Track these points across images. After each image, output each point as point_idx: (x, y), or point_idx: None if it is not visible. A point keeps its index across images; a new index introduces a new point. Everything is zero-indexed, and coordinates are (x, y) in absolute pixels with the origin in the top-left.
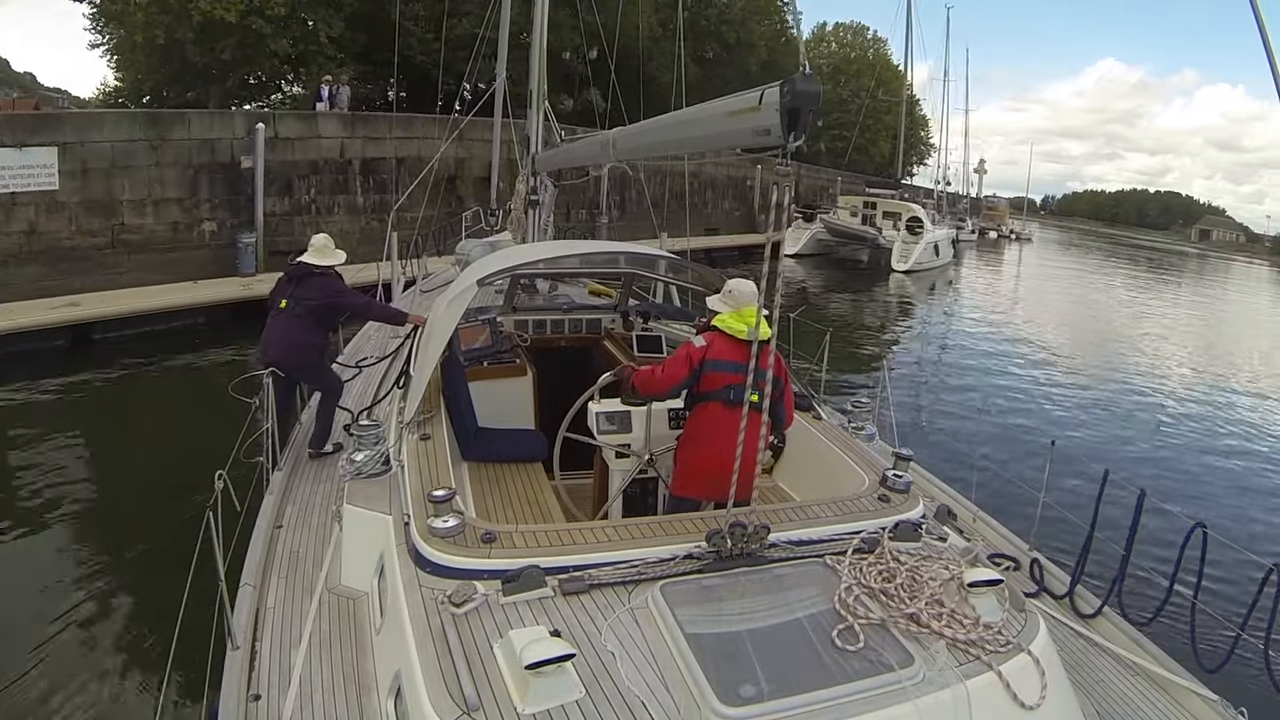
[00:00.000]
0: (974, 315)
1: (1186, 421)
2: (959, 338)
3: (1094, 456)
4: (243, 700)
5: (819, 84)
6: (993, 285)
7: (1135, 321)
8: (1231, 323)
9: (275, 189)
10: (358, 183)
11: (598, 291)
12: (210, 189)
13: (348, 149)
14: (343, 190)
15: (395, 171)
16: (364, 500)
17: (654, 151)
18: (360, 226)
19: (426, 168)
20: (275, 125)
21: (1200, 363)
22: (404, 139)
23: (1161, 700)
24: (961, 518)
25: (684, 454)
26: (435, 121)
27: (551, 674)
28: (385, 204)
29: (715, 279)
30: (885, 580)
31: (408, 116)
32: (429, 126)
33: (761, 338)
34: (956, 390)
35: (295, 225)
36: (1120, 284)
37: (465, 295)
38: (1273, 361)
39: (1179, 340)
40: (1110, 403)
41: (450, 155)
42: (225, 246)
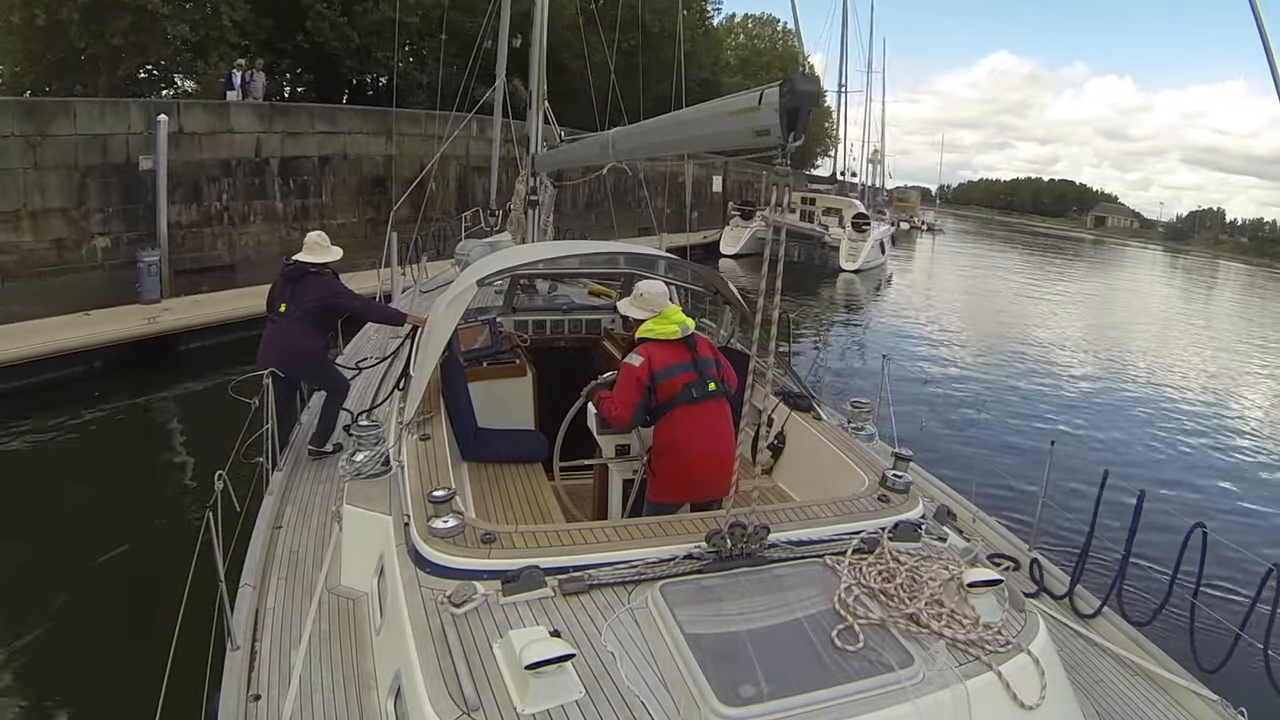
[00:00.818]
0: (940, 313)
1: (1184, 414)
2: (941, 336)
3: (1094, 456)
4: (243, 700)
5: (818, 84)
6: (938, 281)
7: (1110, 313)
8: (1197, 311)
9: (181, 195)
10: (276, 186)
11: (597, 292)
12: (102, 196)
13: (264, 146)
14: (259, 194)
15: (318, 172)
16: (364, 500)
17: (654, 152)
18: (280, 238)
19: (426, 169)
20: (180, 118)
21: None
22: (328, 134)
23: (1161, 700)
24: (961, 518)
25: (663, 463)
26: (362, 114)
27: (551, 674)
28: (307, 210)
29: (715, 279)
30: (885, 580)
31: (331, 109)
32: (356, 120)
33: (690, 328)
34: (955, 390)
35: (206, 238)
36: (1057, 274)
37: (465, 296)
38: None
39: (1176, 331)
40: (1110, 399)
41: (378, 153)
42: (122, 267)
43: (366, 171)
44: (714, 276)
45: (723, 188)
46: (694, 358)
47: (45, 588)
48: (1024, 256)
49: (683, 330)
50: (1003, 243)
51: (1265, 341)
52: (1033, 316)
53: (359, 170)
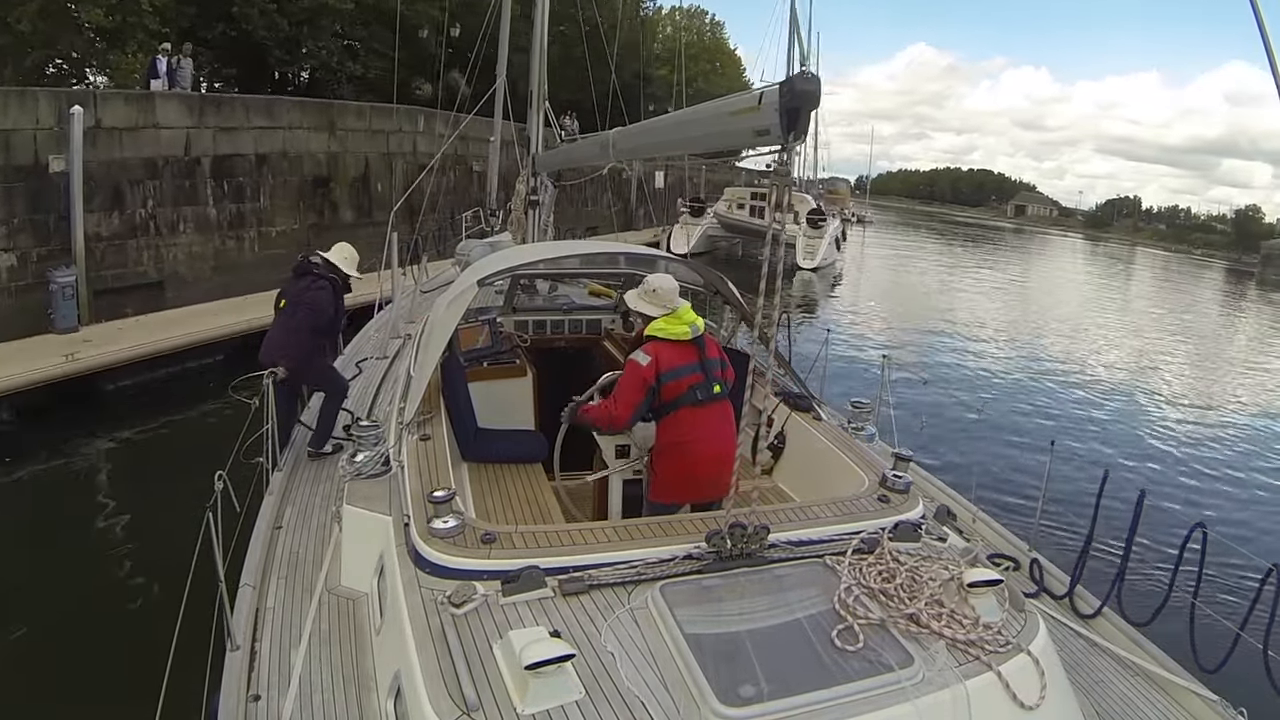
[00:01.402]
0: (909, 310)
1: (1182, 413)
2: (921, 336)
3: (1094, 455)
4: (243, 700)
5: (819, 84)
6: (892, 276)
7: (1082, 301)
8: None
9: (99, 201)
10: (209, 189)
11: (598, 292)
12: (4, 205)
13: (195, 143)
14: (190, 199)
15: (255, 173)
16: (364, 501)
17: (654, 152)
18: (214, 248)
19: (425, 170)
20: (97, 110)
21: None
22: (266, 130)
23: (1161, 700)
24: (961, 518)
25: (664, 463)
26: (301, 107)
27: (551, 674)
28: (243, 216)
29: (715, 279)
30: (885, 580)
31: (268, 100)
32: (296, 113)
33: (701, 328)
34: (955, 391)
35: (129, 252)
36: (1000, 265)
37: (465, 296)
38: None
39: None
40: (1110, 395)
41: (320, 150)
42: (31, 289)
43: (308, 171)
44: (714, 276)
45: (664, 183)
46: (701, 359)
47: (45, 587)
48: (958, 248)
49: (693, 331)
50: (931, 233)
51: (1241, 335)
52: (1002, 310)
53: (299, 170)
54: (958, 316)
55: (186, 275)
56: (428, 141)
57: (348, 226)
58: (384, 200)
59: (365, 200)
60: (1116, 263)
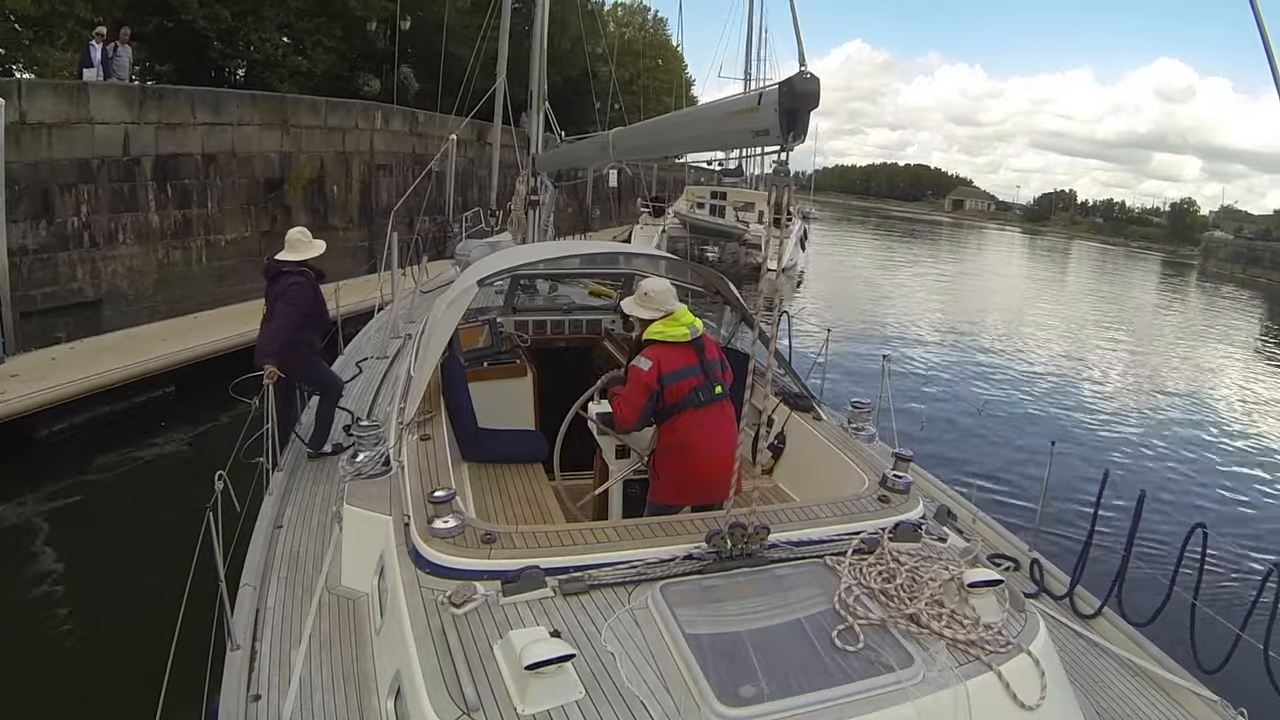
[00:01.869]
0: (885, 310)
1: (1180, 411)
2: (900, 333)
3: (1094, 455)
4: (243, 700)
5: (818, 84)
6: (853, 275)
7: (1057, 298)
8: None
9: (26, 209)
10: (150, 193)
11: (598, 292)
12: None
13: (135, 141)
14: (129, 205)
15: (202, 174)
16: (364, 501)
17: (654, 152)
18: (158, 261)
19: (426, 169)
20: (21, 102)
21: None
22: (213, 126)
23: (1161, 700)
24: (961, 518)
25: (666, 464)
26: (252, 101)
27: (551, 674)
28: (189, 224)
29: (716, 279)
30: (885, 581)
31: (216, 94)
32: (246, 108)
33: (700, 329)
34: (955, 390)
35: (61, 266)
36: (959, 259)
37: (465, 296)
38: None
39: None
40: (1106, 395)
41: (272, 149)
42: None
43: (259, 172)
44: (714, 277)
45: (618, 182)
46: (701, 360)
47: (45, 586)
48: (905, 244)
49: (692, 333)
50: (875, 229)
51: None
52: (975, 304)
53: (249, 171)
54: (935, 319)
55: (127, 292)
56: (386, 140)
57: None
58: (340, 204)
59: (321, 204)
60: (1064, 257)
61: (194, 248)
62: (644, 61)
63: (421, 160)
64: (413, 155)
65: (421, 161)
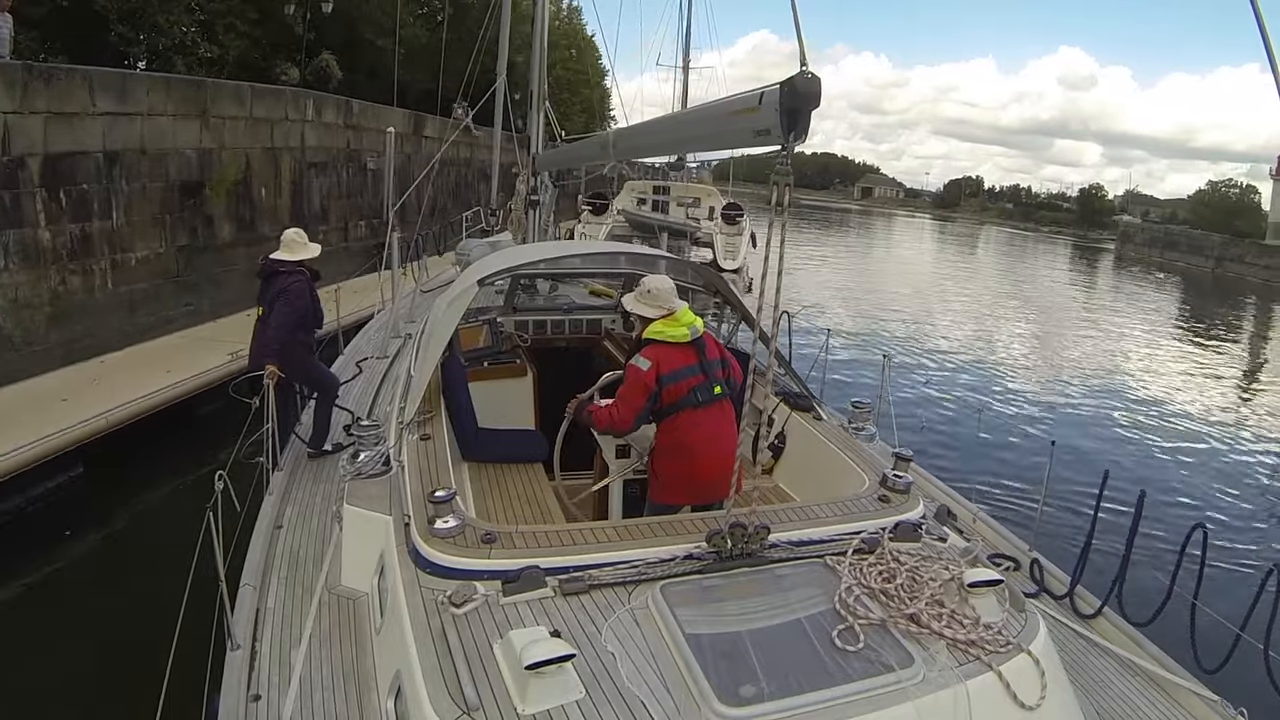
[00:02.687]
0: (845, 304)
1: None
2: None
3: (1094, 455)
4: (243, 700)
5: (819, 84)
6: (811, 271)
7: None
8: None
9: None
10: (39, 203)
11: (598, 292)
12: None
13: (17, 136)
14: (11, 220)
15: (105, 178)
16: (364, 501)
17: (654, 152)
18: (51, 289)
19: (426, 169)
20: None
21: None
22: (118, 117)
23: (1161, 700)
24: (961, 518)
25: (664, 464)
26: (165, 86)
27: (552, 674)
28: (90, 241)
29: (716, 279)
30: (885, 580)
31: (120, 75)
32: (159, 95)
33: (700, 329)
34: (955, 390)
35: None
36: (885, 246)
37: (466, 296)
38: None
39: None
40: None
41: (189, 145)
42: None
43: (175, 174)
44: (714, 276)
45: (549, 177)
46: (701, 360)
47: (45, 585)
48: (825, 233)
49: (692, 333)
50: (790, 218)
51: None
52: (922, 294)
53: (163, 173)
54: (901, 315)
55: (13, 334)
56: (319, 134)
57: (226, 245)
58: (269, 209)
59: (247, 210)
60: (986, 244)
61: (97, 271)
62: (561, 52)
63: (355, 157)
64: (347, 151)
65: (355, 158)
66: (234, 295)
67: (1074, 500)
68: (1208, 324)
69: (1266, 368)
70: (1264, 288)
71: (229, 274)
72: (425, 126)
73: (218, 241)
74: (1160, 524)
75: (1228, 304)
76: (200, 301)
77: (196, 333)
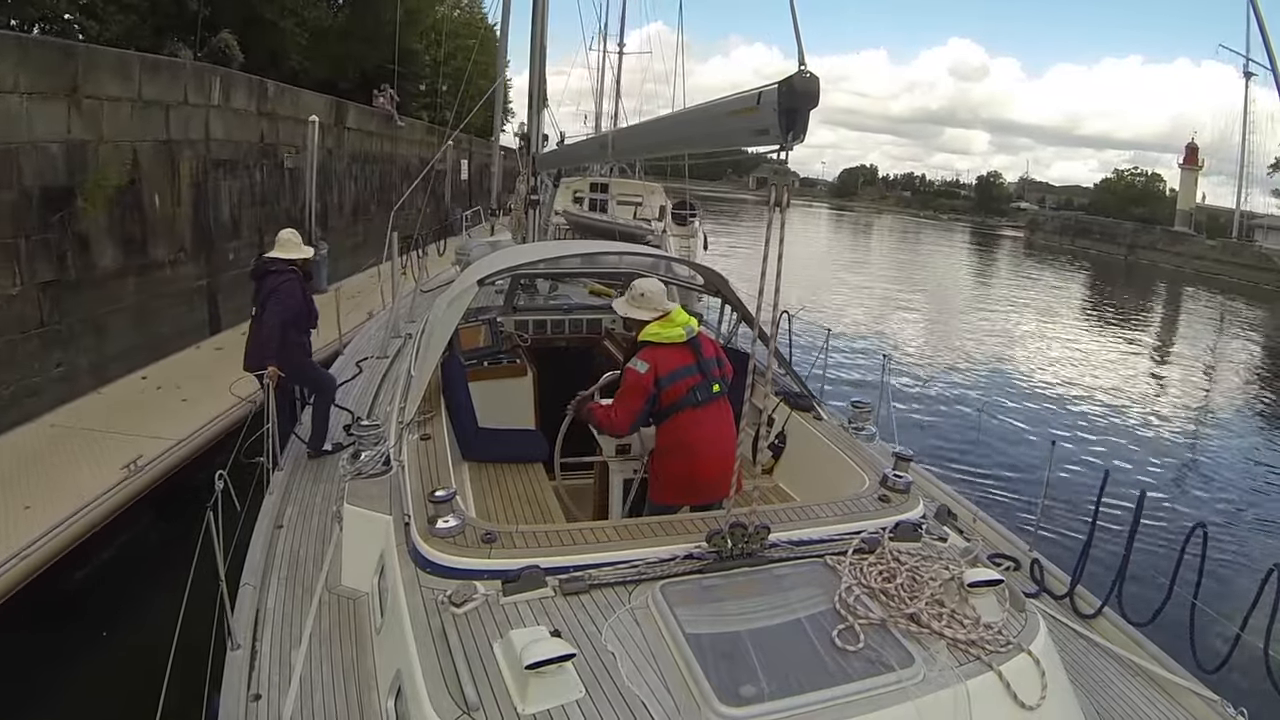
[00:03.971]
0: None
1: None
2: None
3: (1094, 455)
4: (243, 700)
5: (818, 84)
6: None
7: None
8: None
9: None
10: None
11: (598, 291)
12: None
13: None
14: None
15: None
16: (364, 500)
17: (653, 151)
18: None
19: (428, 166)
20: None
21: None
22: None
23: (1161, 700)
24: (961, 518)
25: (665, 464)
26: (20, 50)
27: (552, 674)
28: None
29: (716, 279)
30: (885, 580)
31: None
32: (9, 65)
33: (695, 329)
34: (956, 390)
35: None
36: (817, 237)
37: (466, 295)
38: None
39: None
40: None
41: (55, 137)
42: None
43: (32, 177)
44: (714, 276)
45: (468, 174)
46: (698, 360)
47: (45, 585)
48: (740, 224)
49: (688, 333)
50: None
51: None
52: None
53: (13, 175)
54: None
55: None
56: (228, 123)
57: (110, 277)
58: (165, 222)
59: (136, 226)
60: (892, 234)
61: None
62: (462, 40)
63: (271, 152)
64: (261, 145)
65: (271, 154)
66: (126, 345)
67: (1074, 500)
68: (1173, 318)
69: (1259, 367)
70: (1176, 274)
71: (116, 316)
72: (348, 116)
73: (97, 272)
74: (1160, 524)
75: (1167, 295)
76: (76, 359)
77: (76, 413)
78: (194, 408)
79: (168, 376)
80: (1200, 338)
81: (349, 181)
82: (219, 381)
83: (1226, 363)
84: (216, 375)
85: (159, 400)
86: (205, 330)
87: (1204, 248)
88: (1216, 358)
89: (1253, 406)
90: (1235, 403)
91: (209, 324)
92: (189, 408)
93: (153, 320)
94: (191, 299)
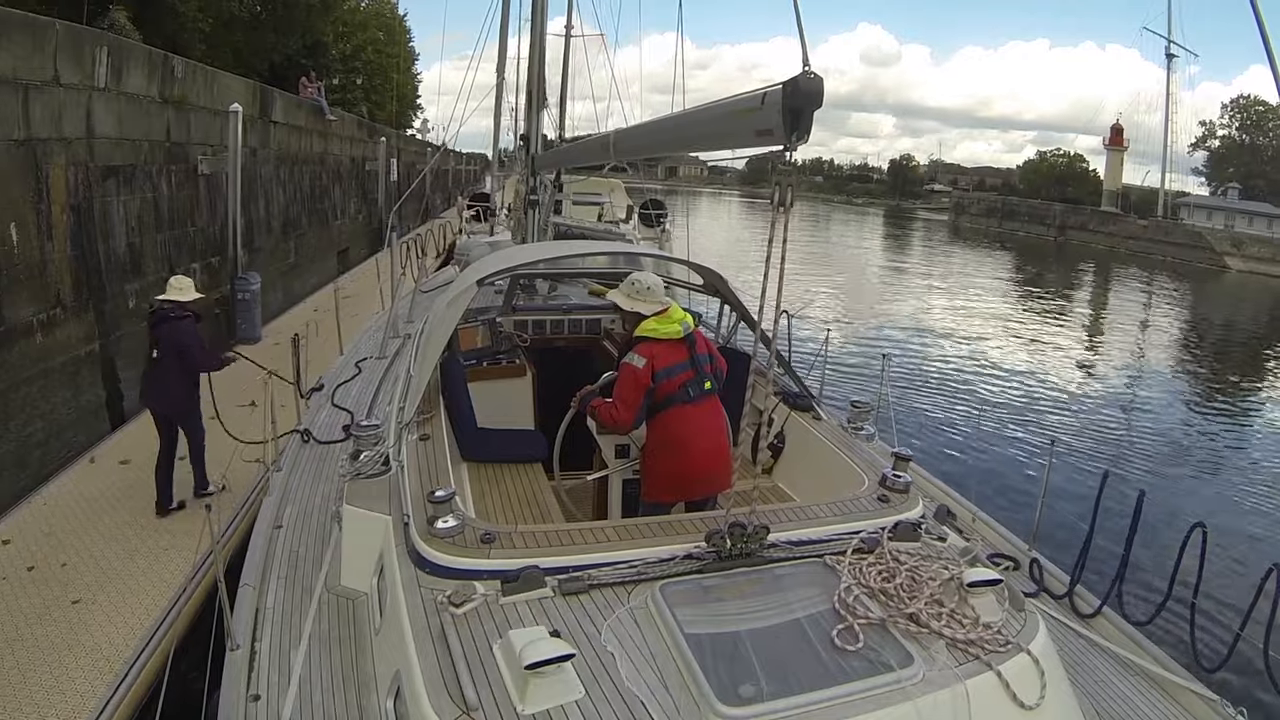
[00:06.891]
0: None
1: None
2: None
3: (1094, 453)
4: (243, 700)
5: (822, 83)
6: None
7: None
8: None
9: None
10: None
11: (598, 292)
12: None
13: None
14: None
15: None
16: (363, 501)
17: (654, 152)
18: None
19: (420, 175)
20: None
21: None
22: None
23: (1161, 700)
24: (961, 518)
25: (656, 461)
26: None
27: (551, 674)
28: None
29: (715, 279)
30: (885, 580)
31: None
32: None
33: (691, 325)
34: (955, 390)
35: None
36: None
37: (465, 296)
38: None
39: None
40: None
41: None
42: None
43: None
44: (713, 276)
45: (398, 174)
46: (692, 356)
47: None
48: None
49: (684, 329)
50: None
51: None
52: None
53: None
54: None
55: None
56: (118, 112)
57: None
58: (26, 265)
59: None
60: (813, 220)
61: None
62: (371, 32)
63: (182, 154)
64: (168, 144)
65: (181, 156)
66: None
67: (1074, 500)
68: (1149, 305)
69: (1255, 363)
70: (1110, 255)
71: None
72: (275, 107)
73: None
74: (1160, 524)
75: (1123, 278)
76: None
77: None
78: (91, 615)
79: (45, 536)
80: (1171, 325)
81: (277, 189)
82: (144, 537)
83: (1220, 355)
84: (137, 526)
85: (21, 617)
86: (103, 421)
87: (1136, 228)
88: (1204, 347)
89: (1261, 405)
90: (1236, 403)
91: (106, 411)
92: (85, 621)
93: (13, 418)
94: (76, 375)
